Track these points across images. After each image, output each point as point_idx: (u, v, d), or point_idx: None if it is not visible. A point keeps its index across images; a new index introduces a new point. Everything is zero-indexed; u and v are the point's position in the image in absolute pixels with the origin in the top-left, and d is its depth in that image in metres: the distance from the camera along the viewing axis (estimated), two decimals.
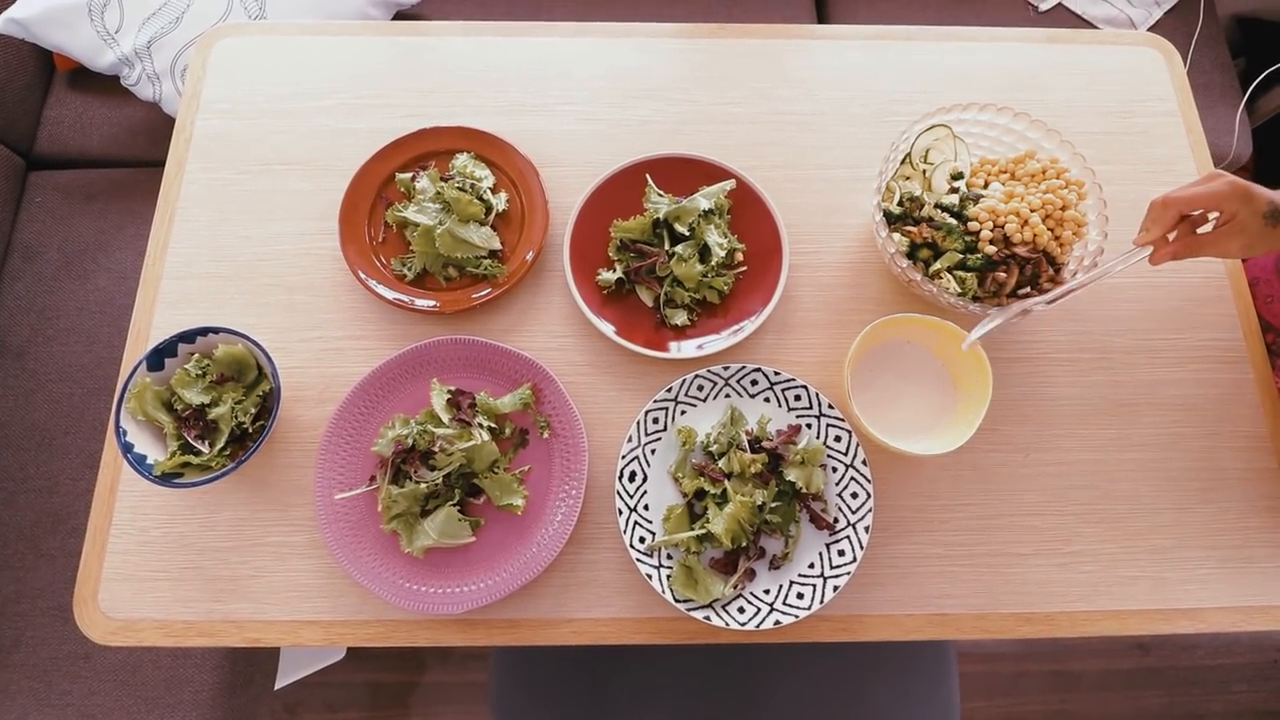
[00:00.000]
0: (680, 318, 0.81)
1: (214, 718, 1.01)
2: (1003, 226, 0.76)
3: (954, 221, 0.77)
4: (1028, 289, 0.77)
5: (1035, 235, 0.75)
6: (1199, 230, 0.72)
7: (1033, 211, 0.76)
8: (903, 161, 0.81)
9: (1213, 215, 0.72)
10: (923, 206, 0.79)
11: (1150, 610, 0.76)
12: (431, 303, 0.81)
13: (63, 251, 1.22)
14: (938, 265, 0.76)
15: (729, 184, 0.83)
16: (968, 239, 0.76)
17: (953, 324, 0.74)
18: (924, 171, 0.81)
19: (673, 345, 0.80)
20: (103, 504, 0.77)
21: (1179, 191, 0.69)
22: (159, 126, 1.28)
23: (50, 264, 1.21)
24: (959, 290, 0.75)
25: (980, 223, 0.76)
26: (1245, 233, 0.68)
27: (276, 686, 1.19)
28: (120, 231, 1.23)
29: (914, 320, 0.75)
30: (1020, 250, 0.75)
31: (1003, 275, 0.75)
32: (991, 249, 0.75)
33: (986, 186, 0.80)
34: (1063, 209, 0.76)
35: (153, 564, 0.75)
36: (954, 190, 0.80)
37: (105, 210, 1.25)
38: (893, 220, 0.79)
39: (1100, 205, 0.76)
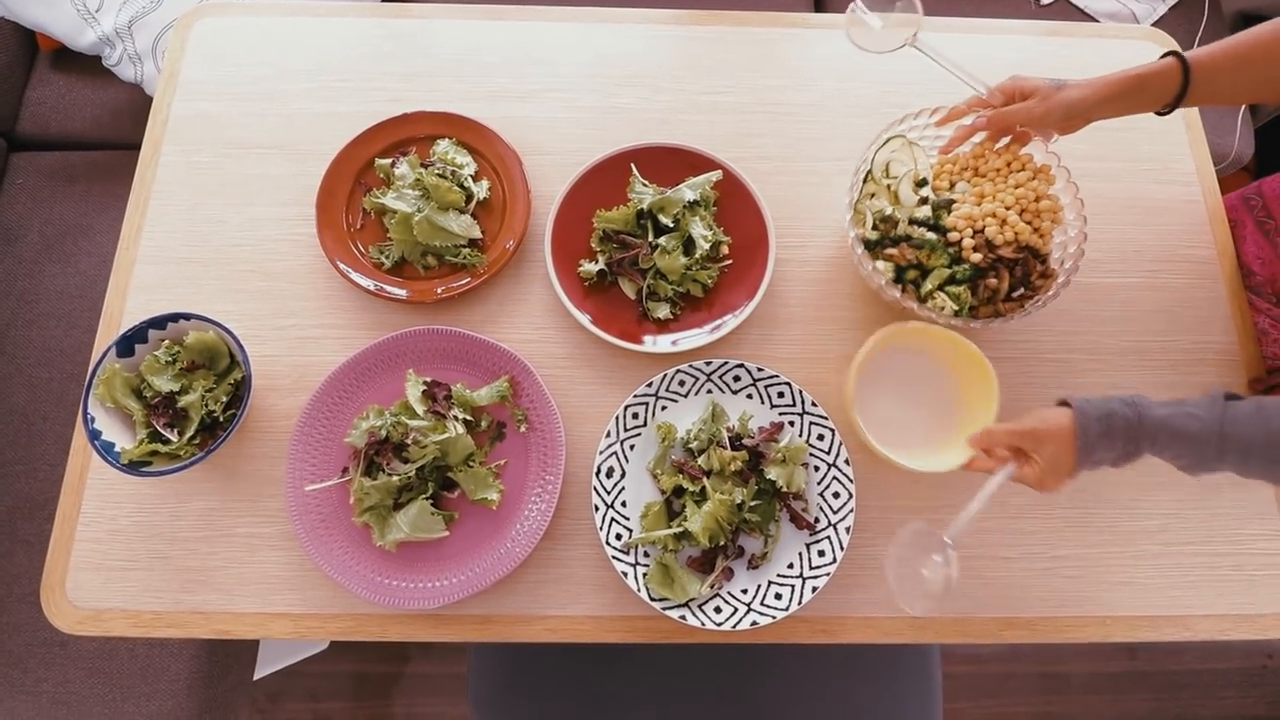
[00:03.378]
0: (663, 311, 0.79)
1: (190, 707, 1.00)
2: (982, 231, 0.73)
3: (933, 236, 0.74)
4: (1021, 290, 0.75)
5: (1017, 233, 0.73)
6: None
7: (1008, 209, 0.73)
8: (865, 180, 0.78)
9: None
10: (897, 224, 0.76)
11: (1136, 616, 0.74)
12: (409, 292, 0.79)
13: (43, 234, 1.20)
14: (928, 285, 0.73)
15: (715, 175, 0.81)
16: (951, 250, 0.73)
17: (957, 334, 0.72)
18: (889, 186, 0.78)
19: (654, 339, 0.78)
20: (72, 491, 0.76)
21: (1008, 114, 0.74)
22: (142, 108, 1.25)
23: (31, 246, 1.19)
24: (956, 308, 0.72)
25: (959, 231, 0.73)
26: (1049, 117, 0.72)
27: (256, 676, 1.18)
28: (102, 214, 1.21)
29: (918, 330, 0.73)
30: (1006, 252, 0.73)
31: (994, 281, 0.73)
32: (977, 256, 0.72)
33: (953, 187, 0.77)
34: (1037, 200, 0.74)
35: (121, 553, 0.74)
36: (924, 200, 0.77)
37: (87, 193, 1.23)
38: (871, 246, 0.76)
39: (1072, 189, 0.74)
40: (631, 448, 0.75)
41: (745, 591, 0.71)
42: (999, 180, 0.76)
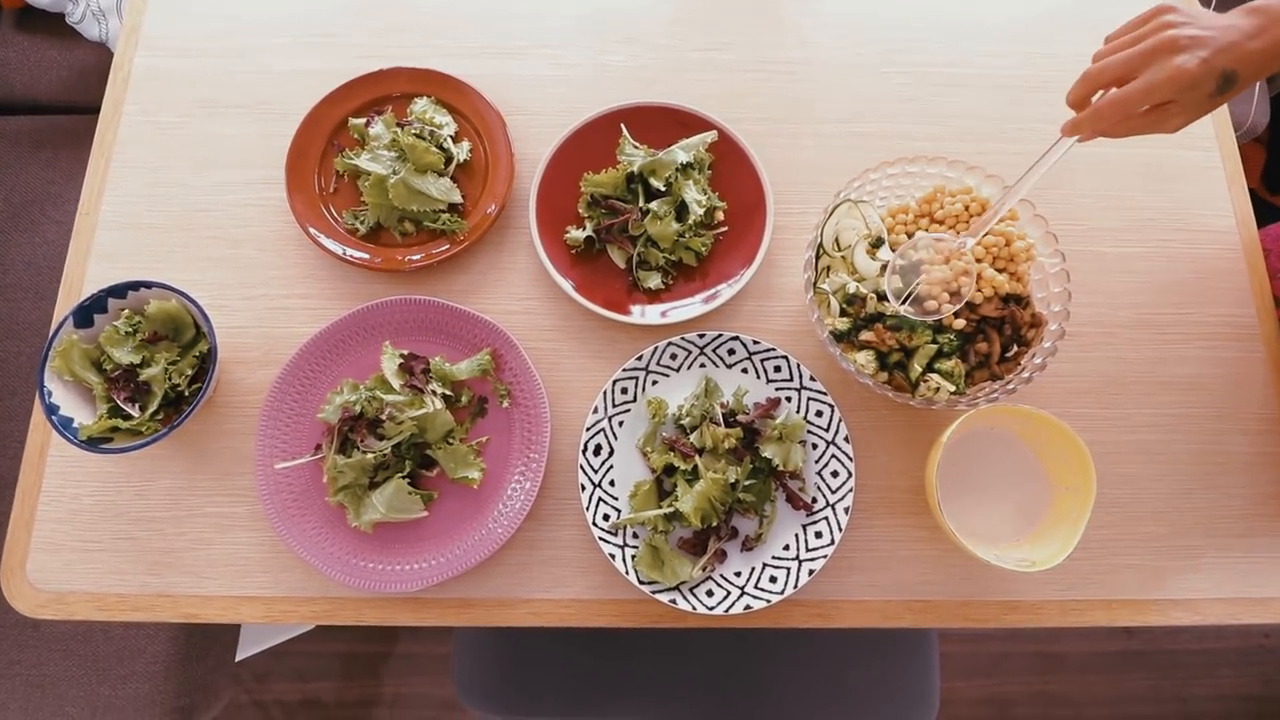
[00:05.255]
0: (654, 280, 0.75)
1: (168, 689, 0.98)
2: (958, 292, 0.68)
3: (908, 309, 0.68)
4: (1014, 348, 0.69)
5: (995, 287, 0.67)
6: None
7: (979, 262, 0.68)
8: (819, 257, 0.71)
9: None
10: (866, 302, 0.69)
11: (1143, 600, 0.71)
12: (384, 259, 0.75)
13: (9, 202, 1.15)
14: (917, 369, 0.67)
15: (710, 136, 0.77)
16: (931, 322, 0.68)
17: (1045, 413, 0.65)
18: (843, 257, 0.72)
19: (644, 310, 0.74)
20: (31, 469, 0.72)
21: (1111, 65, 0.57)
22: (109, 69, 1.20)
23: None
24: (952, 388, 0.67)
25: (936, 299, 0.67)
26: (1186, 113, 0.57)
27: (238, 658, 1.15)
28: (70, 182, 1.16)
29: (1000, 410, 0.67)
30: (988, 310, 0.67)
31: (984, 345, 0.68)
32: (960, 323, 0.67)
33: (912, 239, 0.71)
34: (1008, 244, 0.69)
35: (84, 534, 0.70)
36: (885, 267, 0.70)
37: (54, 159, 1.18)
38: (843, 337, 0.70)
39: (1040, 222, 0.69)
40: (620, 424, 0.71)
41: (739, 574, 0.68)
42: (961, 228, 0.70)
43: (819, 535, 0.69)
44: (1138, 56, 0.56)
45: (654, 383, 0.73)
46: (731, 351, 0.73)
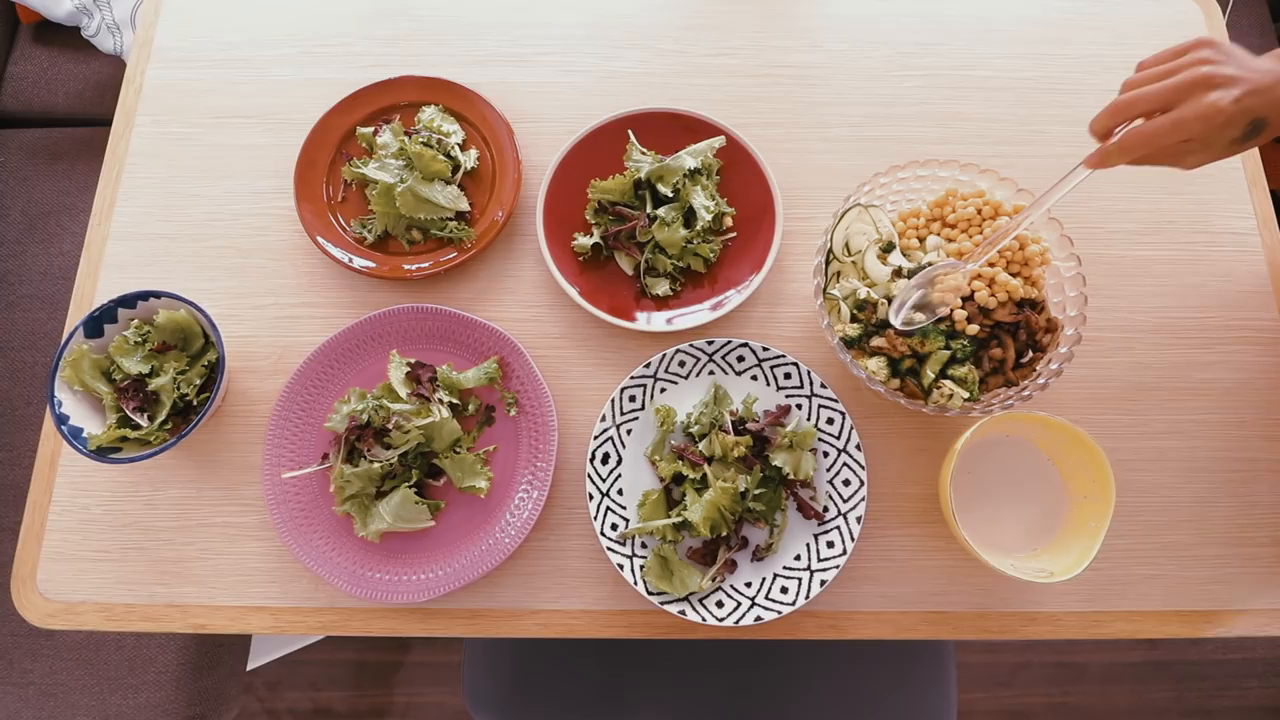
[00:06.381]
0: (662, 287, 0.74)
1: (180, 699, 0.98)
2: (971, 297, 0.67)
3: (920, 315, 0.66)
4: (1030, 354, 0.68)
5: (1009, 291, 0.66)
6: None
7: (993, 266, 0.67)
8: (829, 262, 0.71)
9: None
10: (877, 307, 0.68)
11: (1166, 612, 0.69)
12: (391, 267, 0.74)
13: (26, 214, 1.17)
14: (929, 376, 0.66)
15: (718, 141, 0.76)
16: (943, 327, 0.66)
17: (1062, 419, 0.64)
18: (854, 263, 0.71)
19: (652, 317, 0.74)
20: (42, 479, 0.72)
21: (1143, 97, 0.54)
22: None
23: (13, 227, 1.16)
24: (966, 395, 0.65)
25: (949, 305, 0.66)
26: (1207, 153, 0.56)
27: (250, 667, 1.16)
28: (85, 193, 1.18)
29: (1015, 416, 0.65)
30: (1002, 315, 0.66)
31: (999, 351, 0.66)
32: (973, 328, 0.66)
33: (924, 243, 0.71)
34: (1022, 248, 0.68)
35: (94, 543, 0.70)
36: (898, 272, 0.69)
37: (70, 171, 1.19)
38: (854, 343, 0.68)
39: (1055, 225, 0.68)
40: (628, 432, 0.71)
41: (749, 585, 0.67)
42: (974, 232, 0.69)
43: (831, 545, 0.68)
44: (1170, 90, 0.54)
45: (662, 390, 0.72)
46: (741, 358, 0.72)
